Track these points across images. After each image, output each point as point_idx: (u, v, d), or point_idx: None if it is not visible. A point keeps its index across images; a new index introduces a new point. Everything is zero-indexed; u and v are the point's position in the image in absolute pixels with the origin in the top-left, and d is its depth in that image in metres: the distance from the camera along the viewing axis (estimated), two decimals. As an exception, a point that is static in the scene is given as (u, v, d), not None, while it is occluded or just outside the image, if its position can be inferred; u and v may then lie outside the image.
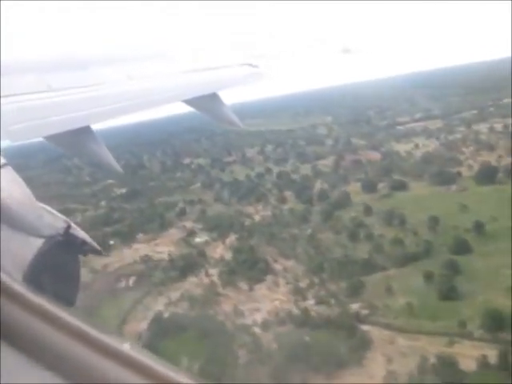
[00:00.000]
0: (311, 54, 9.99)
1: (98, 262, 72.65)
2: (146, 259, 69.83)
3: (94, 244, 3.60)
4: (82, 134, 4.97)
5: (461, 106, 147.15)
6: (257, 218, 79.48)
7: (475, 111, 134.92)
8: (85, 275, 69.03)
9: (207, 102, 6.91)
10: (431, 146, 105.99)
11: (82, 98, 5.06)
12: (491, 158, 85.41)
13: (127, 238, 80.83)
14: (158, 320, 51.88)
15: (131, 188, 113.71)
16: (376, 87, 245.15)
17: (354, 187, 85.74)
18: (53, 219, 3.33)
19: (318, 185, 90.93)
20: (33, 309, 1.59)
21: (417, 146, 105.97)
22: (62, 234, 3.26)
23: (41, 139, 4.71)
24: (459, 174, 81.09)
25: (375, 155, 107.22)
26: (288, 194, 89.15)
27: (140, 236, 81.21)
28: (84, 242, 3.48)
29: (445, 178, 79.39)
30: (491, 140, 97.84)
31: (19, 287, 1.66)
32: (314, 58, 9.95)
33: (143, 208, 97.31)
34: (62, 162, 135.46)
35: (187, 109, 6.88)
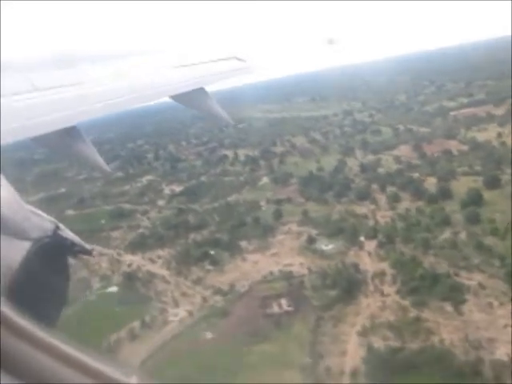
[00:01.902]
0: (296, 44, 10.57)
1: (216, 279, 62.71)
2: (283, 275, 60.22)
3: (84, 244, 3.55)
4: (69, 134, 5.05)
5: (501, 90, 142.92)
6: (380, 219, 71.22)
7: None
8: (211, 297, 59.00)
9: (195, 98, 7.12)
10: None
11: (68, 96, 5.03)
12: None
13: (230, 247, 70.61)
14: (375, 356, 43.10)
15: (184, 185, 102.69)
16: (371, 70, 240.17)
17: (467, 181, 78.94)
18: (40, 221, 3.27)
19: (421, 179, 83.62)
20: (21, 334, 1.63)
21: (499, 134, 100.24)
22: (50, 235, 3.23)
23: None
24: None
25: (457, 145, 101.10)
26: (392, 189, 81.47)
27: (244, 244, 71.18)
28: (73, 244, 3.45)
29: None
30: None
31: (8, 311, 1.71)
32: (299, 48, 10.48)
33: (219, 208, 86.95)
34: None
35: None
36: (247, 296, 57.59)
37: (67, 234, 3.39)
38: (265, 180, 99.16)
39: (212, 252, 69.79)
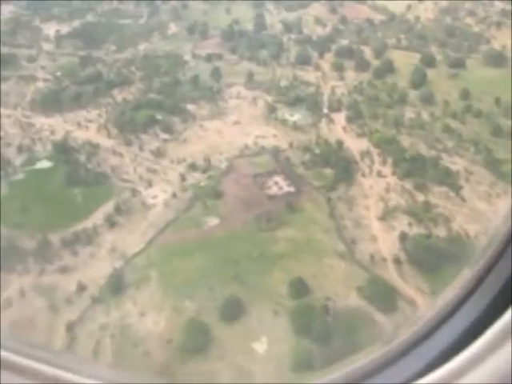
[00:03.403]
0: None
1: (181, 151, 54.58)
2: (261, 148, 54.71)
3: None
4: None
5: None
6: (337, 90, 68.35)
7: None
8: (189, 174, 51.32)
9: None
10: (421, 8, 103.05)
11: None
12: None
13: (176, 110, 60.96)
14: (409, 243, 43.36)
15: (69, 24, 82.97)
16: None
17: (402, 56, 79.87)
18: None
19: (355, 48, 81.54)
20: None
21: (409, 7, 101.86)
22: None
23: None
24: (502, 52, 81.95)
25: (369, 11, 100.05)
26: (330, 56, 78.43)
27: (193, 108, 62.13)
28: None
29: (497, 59, 79.03)
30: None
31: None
32: None
33: (134, 60, 73.45)
34: None
35: None
36: (233, 173, 51.67)
37: None
38: (174, 28, 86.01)
39: (158, 116, 59.79)
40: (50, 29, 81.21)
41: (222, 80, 69.07)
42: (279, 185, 50.17)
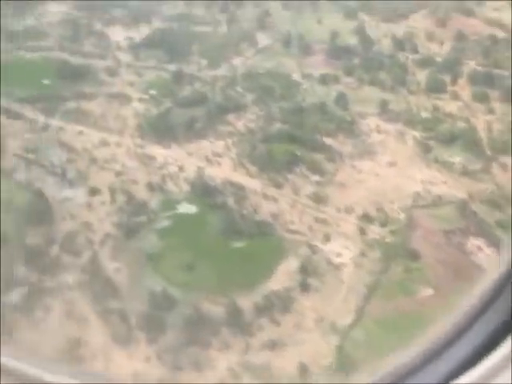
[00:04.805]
0: None
1: (343, 197, 57.09)
2: (436, 198, 57.63)
3: None
4: None
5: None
6: (493, 127, 71.97)
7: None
8: (366, 226, 53.55)
9: None
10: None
11: None
12: None
13: (314, 145, 63.61)
14: None
15: (140, 32, 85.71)
16: None
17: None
18: None
19: (491, 72, 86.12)
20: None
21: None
22: None
23: None
24: None
25: (482, 25, 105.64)
26: (462, 82, 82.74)
27: (333, 143, 64.85)
28: None
29: None
30: None
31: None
32: None
33: (236, 79, 76.31)
34: None
35: None
36: (417, 228, 54.16)
37: None
38: (264, 39, 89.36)
39: (297, 152, 62.28)
40: (117, 34, 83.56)
41: (350, 108, 72.20)
42: (484, 252, 52.48)
